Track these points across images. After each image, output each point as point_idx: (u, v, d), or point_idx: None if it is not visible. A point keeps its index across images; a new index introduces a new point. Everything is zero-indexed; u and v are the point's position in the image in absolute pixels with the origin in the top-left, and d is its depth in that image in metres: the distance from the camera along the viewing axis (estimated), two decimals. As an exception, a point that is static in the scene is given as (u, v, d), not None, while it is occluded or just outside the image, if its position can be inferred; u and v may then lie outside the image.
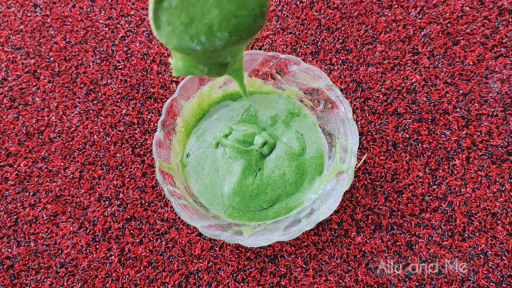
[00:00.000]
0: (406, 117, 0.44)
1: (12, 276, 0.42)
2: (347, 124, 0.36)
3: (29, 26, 0.50)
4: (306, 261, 0.41)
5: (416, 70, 0.45)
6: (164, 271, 0.41)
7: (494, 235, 0.40)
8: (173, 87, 0.47)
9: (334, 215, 0.42)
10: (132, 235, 0.43)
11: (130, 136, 0.46)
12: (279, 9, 0.48)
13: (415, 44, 0.46)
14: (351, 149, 0.35)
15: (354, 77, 0.46)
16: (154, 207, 0.43)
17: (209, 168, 0.40)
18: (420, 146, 0.43)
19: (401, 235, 0.41)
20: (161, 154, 0.37)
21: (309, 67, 0.37)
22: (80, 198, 0.44)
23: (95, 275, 0.42)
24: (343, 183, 0.35)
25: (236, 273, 0.41)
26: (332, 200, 0.35)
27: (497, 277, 0.39)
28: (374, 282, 0.40)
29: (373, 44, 0.46)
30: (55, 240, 0.43)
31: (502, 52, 0.45)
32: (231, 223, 0.38)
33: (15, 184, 0.45)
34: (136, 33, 0.49)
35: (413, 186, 0.42)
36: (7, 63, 0.49)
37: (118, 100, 0.47)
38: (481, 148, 0.42)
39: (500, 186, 0.41)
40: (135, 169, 0.45)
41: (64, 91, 0.48)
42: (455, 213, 0.41)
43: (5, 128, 0.47)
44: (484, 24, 0.46)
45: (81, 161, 0.45)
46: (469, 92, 0.44)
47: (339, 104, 0.37)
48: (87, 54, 0.49)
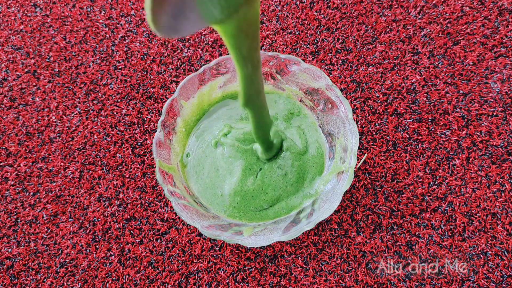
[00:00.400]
0: (406, 117, 0.44)
1: (12, 276, 0.42)
2: (347, 124, 0.36)
3: (29, 26, 0.50)
4: (306, 261, 0.41)
5: (416, 70, 0.45)
6: (164, 271, 0.41)
7: (494, 235, 0.40)
8: (173, 87, 0.47)
9: (334, 215, 0.42)
10: (132, 235, 0.43)
11: (130, 136, 0.46)
12: (279, 9, 0.48)
13: (415, 44, 0.46)
14: (351, 149, 0.35)
15: (354, 77, 0.46)
16: (154, 207, 0.43)
17: (209, 168, 0.40)
18: (420, 146, 0.43)
19: (401, 235, 0.41)
20: (161, 154, 0.37)
21: (309, 67, 0.37)
22: (80, 198, 0.44)
23: (95, 275, 0.42)
24: (343, 183, 0.35)
25: (236, 273, 0.41)
26: (332, 200, 0.35)
27: (497, 277, 0.39)
28: (374, 282, 0.40)
29: (373, 44, 0.46)
30: (55, 240, 0.43)
31: (502, 52, 0.45)
32: (231, 223, 0.38)
33: (15, 184, 0.45)
34: (136, 33, 0.49)
35: (413, 186, 0.42)
36: (7, 63, 0.49)
37: (118, 100, 0.47)
38: (481, 148, 0.42)
39: (500, 186, 0.41)
40: (135, 169, 0.45)
41: (64, 91, 0.48)
42: (455, 213, 0.41)
43: (5, 128, 0.47)
44: (484, 24, 0.46)
45: (81, 161, 0.45)
46: (469, 92, 0.44)
47: (339, 104, 0.37)
48: (87, 54, 0.49)
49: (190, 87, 0.39)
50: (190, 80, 0.38)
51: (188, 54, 0.48)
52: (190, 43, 0.48)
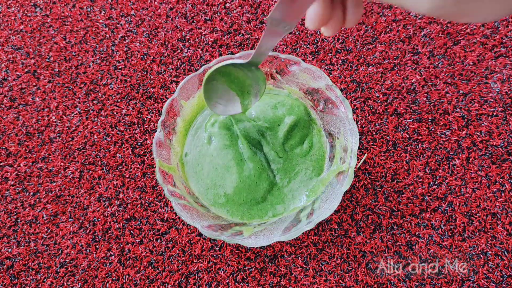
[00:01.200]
0: (406, 117, 0.44)
1: (12, 276, 0.42)
2: (347, 124, 0.36)
3: (29, 26, 0.50)
4: (306, 261, 0.41)
5: (416, 70, 0.45)
6: (164, 271, 0.41)
7: (494, 235, 0.40)
8: (173, 87, 0.47)
9: (334, 215, 0.42)
10: (132, 235, 0.43)
11: (130, 136, 0.46)
12: (279, 9, 0.48)
13: (415, 44, 0.46)
14: (351, 149, 0.35)
15: (354, 77, 0.46)
16: (154, 207, 0.43)
17: (208, 168, 0.40)
18: (420, 146, 0.43)
19: (401, 235, 0.41)
20: (161, 154, 0.37)
21: (309, 67, 0.37)
22: (80, 198, 0.44)
23: (95, 275, 0.42)
24: (343, 183, 0.35)
25: (236, 273, 0.41)
26: (332, 200, 0.35)
27: (497, 277, 0.39)
28: (374, 282, 0.40)
29: (373, 44, 0.46)
30: (55, 240, 0.43)
31: (502, 52, 0.45)
32: (231, 222, 0.38)
33: (15, 184, 0.45)
34: (136, 33, 0.49)
35: (413, 186, 0.42)
36: (7, 63, 0.49)
37: (118, 100, 0.47)
38: (481, 148, 0.42)
39: (500, 186, 0.41)
40: (135, 169, 0.45)
41: (64, 91, 0.48)
42: (455, 213, 0.41)
43: (5, 128, 0.47)
44: (484, 24, 0.46)
45: (81, 161, 0.45)
46: (469, 92, 0.44)
47: (339, 104, 0.37)
48: (87, 54, 0.49)
49: (190, 87, 0.39)
50: (190, 80, 0.38)
51: (188, 54, 0.48)
52: (190, 43, 0.48)
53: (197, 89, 0.40)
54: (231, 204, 0.39)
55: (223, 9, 0.49)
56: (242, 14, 0.48)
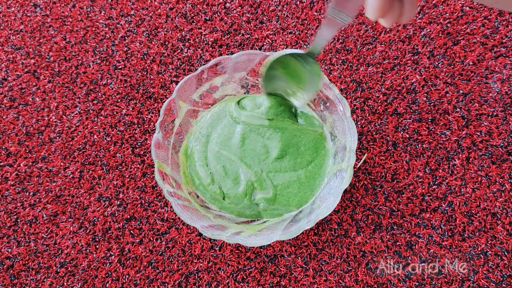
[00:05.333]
0: (406, 117, 0.44)
1: (12, 276, 0.43)
2: (345, 122, 0.36)
3: (29, 26, 0.50)
4: (306, 261, 0.41)
5: (416, 70, 0.45)
6: (164, 271, 0.41)
7: (494, 235, 0.40)
8: (173, 87, 0.47)
9: (334, 215, 0.42)
10: (132, 235, 0.43)
11: (130, 136, 0.46)
12: (279, 9, 0.48)
13: (415, 44, 0.46)
14: (350, 147, 0.35)
15: (354, 77, 0.46)
16: (154, 207, 0.43)
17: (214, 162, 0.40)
18: (420, 146, 0.43)
19: (401, 235, 0.41)
20: (160, 155, 0.37)
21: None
22: (80, 198, 0.44)
23: (95, 275, 0.42)
24: (342, 182, 0.35)
25: (236, 273, 0.41)
26: (331, 199, 0.35)
27: (497, 277, 0.39)
28: (374, 282, 0.40)
29: (373, 44, 0.46)
30: (55, 240, 0.43)
31: (502, 52, 0.45)
32: (232, 222, 0.38)
33: (15, 184, 0.45)
34: (136, 33, 0.49)
35: (413, 186, 0.42)
36: (7, 63, 0.49)
37: (118, 100, 0.47)
38: (481, 148, 0.42)
39: (500, 186, 0.41)
40: (135, 169, 0.45)
41: (64, 91, 0.48)
42: (455, 213, 0.41)
43: (5, 128, 0.47)
44: (484, 24, 0.45)
45: (81, 161, 0.45)
46: (469, 92, 0.44)
47: (337, 103, 0.37)
48: (87, 54, 0.49)
49: (188, 88, 0.39)
50: (187, 81, 0.38)
51: (188, 54, 0.48)
52: (190, 43, 0.48)
53: (195, 90, 0.40)
54: (232, 203, 0.39)
55: (223, 9, 0.49)
56: (242, 14, 0.48)
